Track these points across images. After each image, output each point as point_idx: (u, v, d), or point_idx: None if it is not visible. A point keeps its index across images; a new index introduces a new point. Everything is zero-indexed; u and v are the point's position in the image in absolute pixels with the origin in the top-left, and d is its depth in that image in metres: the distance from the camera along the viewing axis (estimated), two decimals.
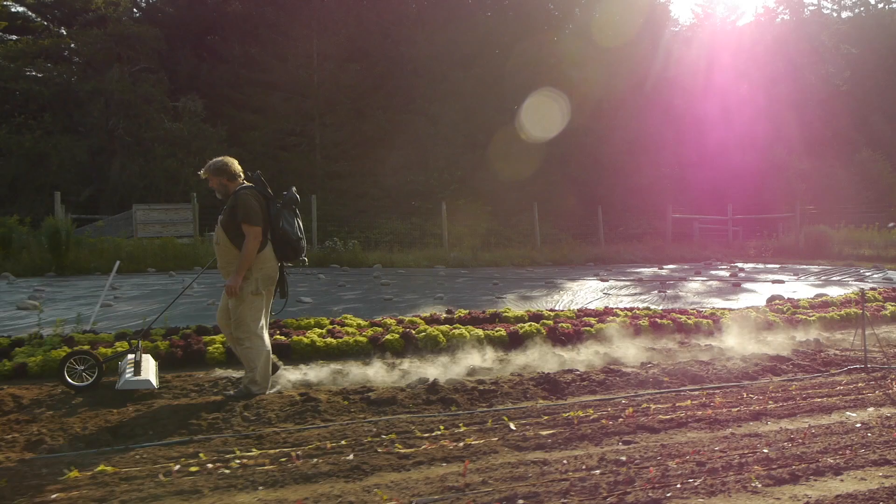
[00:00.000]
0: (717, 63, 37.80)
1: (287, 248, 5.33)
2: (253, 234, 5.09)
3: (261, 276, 5.20)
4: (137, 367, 5.22)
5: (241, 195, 5.17)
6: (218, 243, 5.31)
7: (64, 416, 4.74)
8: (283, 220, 5.29)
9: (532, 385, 5.67)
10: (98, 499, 3.36)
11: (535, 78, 31.11)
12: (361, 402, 5.12)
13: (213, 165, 5.32)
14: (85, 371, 5.24)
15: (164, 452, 4.06)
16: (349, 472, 3.71)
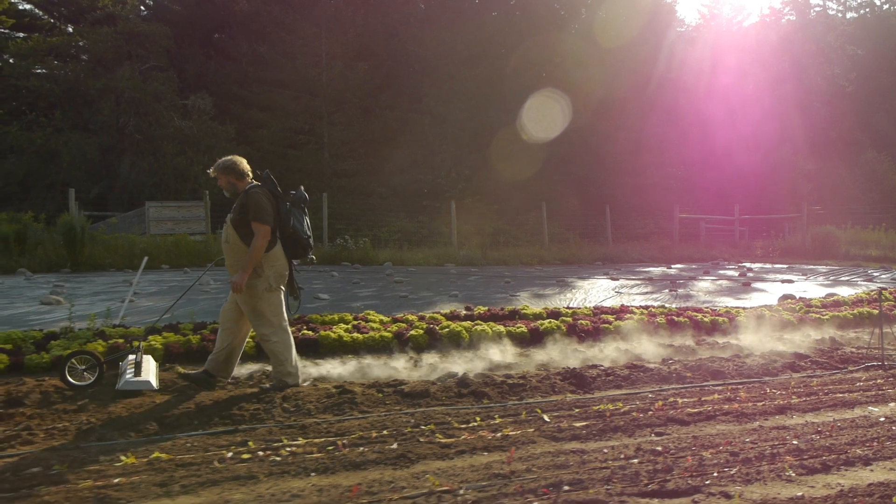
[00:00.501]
0: (722, 63, 37.86)
1: (297, 246, 5.43)
2: (262, 233, 5.14)
3: (272, 273, 5.27)
4: (138, 367, 5.25)
5: (251, 193, 5.23)
6: (227, 241, 5.35)
7: (109, 406, 4.88)
8: (293, 219, 5.37)
9: (559, 379, 5.81)
10: (159, 483, 3.49)
11: (540, 77, 31.22)
12: (395, 394, 5.26)
13: (222, 164, 5.38)
14: (86, 370, 5.24)
15: (212, 441, 4.20)
16: (396, 460, 3.85)
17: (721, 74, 37.27)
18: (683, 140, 34.88)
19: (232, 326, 5.41)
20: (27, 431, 4.30)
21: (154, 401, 4.99)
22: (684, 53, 37.03)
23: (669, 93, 35.15)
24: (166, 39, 29.22)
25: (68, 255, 16.02)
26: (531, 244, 23.53)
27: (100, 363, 5.29)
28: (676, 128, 34.85)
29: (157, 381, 5.28)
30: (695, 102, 35.53)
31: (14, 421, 4.53)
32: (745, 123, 35.71)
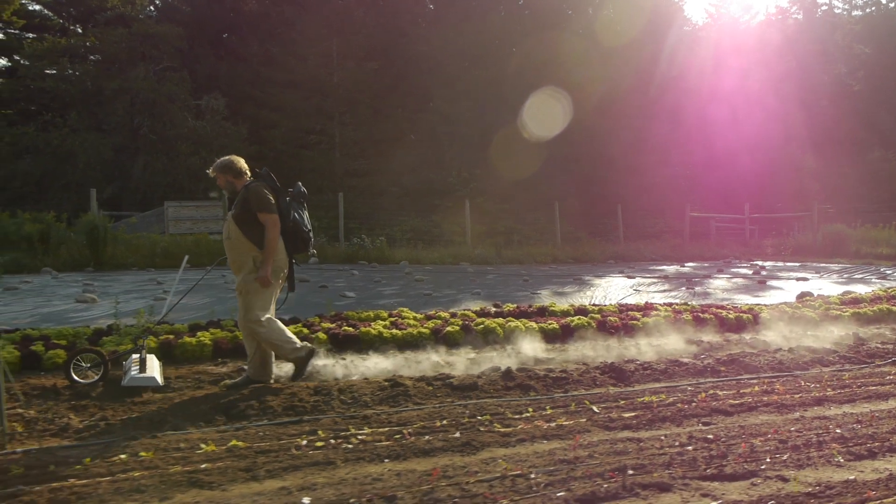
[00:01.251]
0: (728, 62, 37.98)
1: (298, 241, 5.46)
2: (272, 222, 5.17)
3: (273, 267, 5.28)
4: (143, 364, 5.31)
5: (252, 188, 5.26)
6: (229, 237, 5.35)
7: (173, 397, 5.09)
8: (293, 213, 5.40)
9: (598, 373, 6.00)
10: (244, 468, 3.70)
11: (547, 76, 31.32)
12: (444, 387, 5.46)
13: (220, 164, 5.43)
14: (91, 368, 5.29)
15: (282, 430, 4.41)
16: (462, 448, 4.05)
17: (727, 74, 37.40)
18: (690, 139, 35.04)
19: None
20: (104, 422, 4.52)
21: (217, 393, 5.20)
22: (691, 53, 37.17)
23: (676, 92, 35.32)
24: (179, 40, 29.47)
25: (91, 255, 16.27)
26: (543, 243, 23.73)
27: (105, 361, 5.33)
28: (683, 127, 35.01)
29: (161, 377, 5.33)
30: (700, 102, 35.67)
31: (89, 412, 4.75)
32: (750, 122, 35.85)
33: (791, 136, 36.33)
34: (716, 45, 38.92)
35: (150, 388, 5.20)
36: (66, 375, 5.24)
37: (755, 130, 35.79)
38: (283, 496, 3.33)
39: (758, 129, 35.84)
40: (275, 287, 5.41)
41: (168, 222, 19.57)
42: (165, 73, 28.86)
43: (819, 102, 38.25)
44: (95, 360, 5.31)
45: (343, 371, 6.02)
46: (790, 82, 37.55)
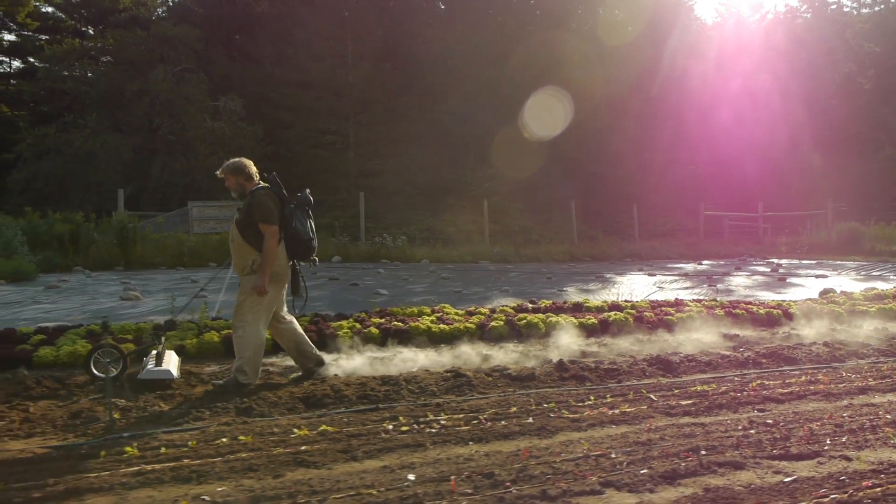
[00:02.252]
0: (738, 62, 38.14)
1: (299, 247, 5.48)
2: (270, 233, 5.26)
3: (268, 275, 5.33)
4: (159, 358, 5.44)
5: (256, 195, 5.33)
6: (233, 241, 5.47)
7: (252, 388, 5.37)
8: (295, 221, 5.42)
9: (646, 365, 6.27)
10: (341, 450, 3.98)
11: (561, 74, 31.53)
12: (503, 378, 5.73)
13: (232, 165, 5.48)
14: (111, 363, 5.39)
15: (363, 417, 4.69)
16: (538, 431, 4.32)
17: (737, 73, 37.58)
18: (701, 138, 35.24)
19: (276, 325, 5.62)
20: (195, 409, 4.80)
21: (293, 383, 5.49)
22: (703, 52, 37.35)
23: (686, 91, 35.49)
24: (197, 42, 29.77)
25: (121, 254, 16.58)
26: (559, 242, 23.98)
27: (123, 356, 5.46)
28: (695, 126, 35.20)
29: (177, 371, 5.49)
30: (710, 101, 35.86)
31: (176, 400, 5.03)
32: (760, 121, 36.04)
33: (801, 134, 36.48)
34: (725, 44, 39.11)
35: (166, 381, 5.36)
36: (86, 370, 5.39)
37: (765, 129, 35.99)
38: (386, 474, 3.61)
39: (767, 128, 36.03)
40: (275, 294, 5.47)
41: (192, 222, 19.88)
42: (183, 74, 29.20)
43: (829, 101, 38.41)
44: (114, 356, 5.43)
45: (400, 363, 6.30)
46: (800, 81, 37.70)
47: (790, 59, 38.38)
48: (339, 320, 7.70)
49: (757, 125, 35.95)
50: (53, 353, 6.21)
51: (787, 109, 36.58)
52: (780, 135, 36.10)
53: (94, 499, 3.32)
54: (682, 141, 34.97)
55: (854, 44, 39.67)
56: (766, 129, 36.01)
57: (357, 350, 6.75)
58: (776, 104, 36.60)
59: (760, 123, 36.02)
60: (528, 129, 30.15)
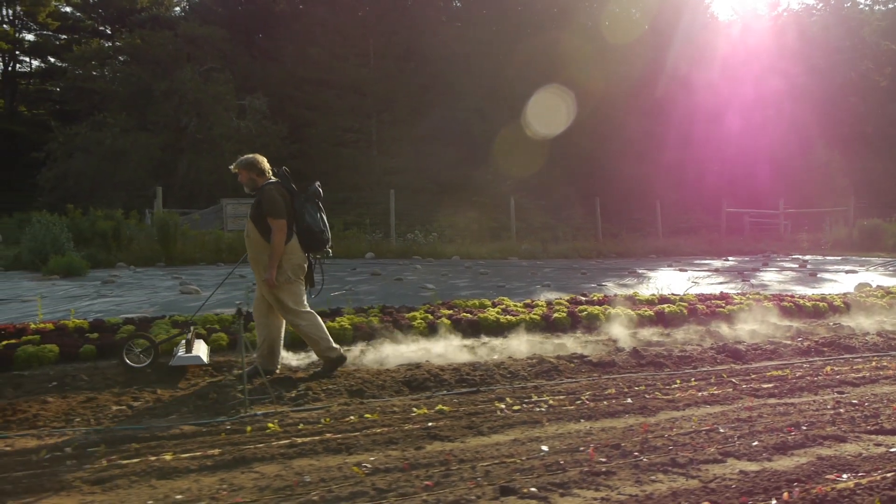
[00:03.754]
0: (755, 59, 38.29)
1: (311, 240, 5.58)
2: (278, 227, 5.35)
3: (290, 265, 5.49)
4: (189, 345, 5.61)
5: (266, 190, 5.42)
6: (248, 236, 5.58)
7: (348, 373, 5.70)
8: (307, 214, 5.53)
9: (714, 353, 6.59)
10: (466, 426, 4.31)
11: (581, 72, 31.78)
12: (585, 364, 6.06)
13: (245, 161, 5.57)
14: (142, 353, 5.61)
15: (469, 398, 5.02)
16: (640, 411, 4.65)
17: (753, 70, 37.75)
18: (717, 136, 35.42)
19: (263, 321, 5.67)
20: (311, 391, 5.14)
21: (389, 370, 5.82)
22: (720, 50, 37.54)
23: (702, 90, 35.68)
24: (223, 42, 30.16)
25: (162, 250, 16.93)
26: (583, 238, 24.25)
27: (155, 346, 5.65)
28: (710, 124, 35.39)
29: (207, 357, 5.68)
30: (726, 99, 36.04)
31: (293, 383, 5.37)
32: (776, 119, 36.21)
33: (817, 132, 36.65)
34: (740, 42, 39.26)
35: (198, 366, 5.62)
36: (119, 360, 5.59)
37: (781, 127, 36.15)
38: (518, 445, 3.94)
39: (783, 126, 36.20)
40: (299, 283, 5.61)
41: (227, 219, 20.26)
42: (209, 73, 29.60)
43: (846, 99, 38.57)
44: (145, 346, 5.64)
45: (481, 350, 6.62)
46: (816, 79, 37.85)
47: (806, 57, 38.52)
48: (399, 312, 8.02)
49: (772, 122, 36.12)
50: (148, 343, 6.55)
51: (803, 107, 36.73)
52: (796, 132, 36.26)
53: (261, 466, 3.66)
54: (699, 138, 35.13)
55: (871, 41, 39.78)
56: (782, 126, 36.17)
57: (435, 338, 7.08)
58: (792, 102, 36.76)
59: (776, 121, 36.20)
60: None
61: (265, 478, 3.48)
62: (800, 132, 36.38)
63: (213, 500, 3.21)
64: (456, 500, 3.15)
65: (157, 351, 5.66)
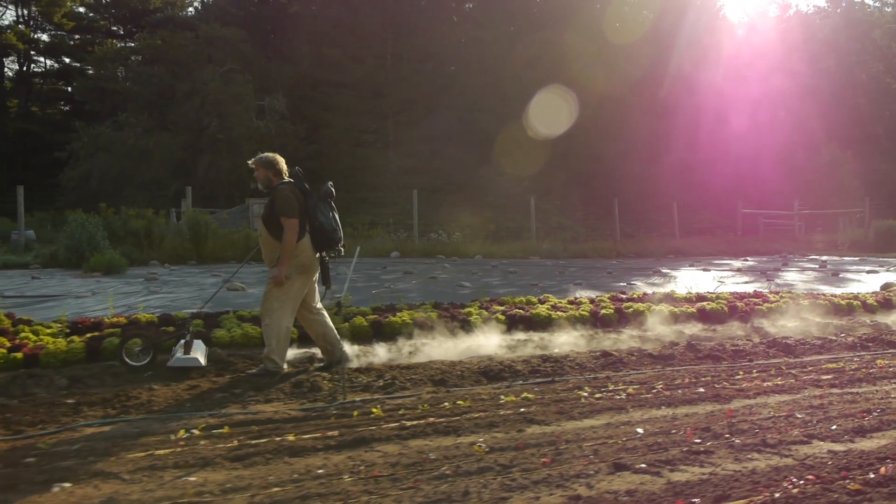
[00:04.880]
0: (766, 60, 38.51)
1: (323, 239, 5.64)
2: (290, 226, 5.43)
3: (296, 262, 5.53)
4: (187, 346, 5.65)
5: (279, 190, 5.52)
6: (261, 236, 5.70)
7: (425, 365, 5.99)
8: (319, 213, 5.61)
9: (765, 347, 6.88)
10: (556, 411, 4.60)
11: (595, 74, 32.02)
12: (646, 357, 6.35)
13: (264, 159, 5.67)
14: (141, 352, 5.67)
15: (549, 387, 5.31)
16: (714, 399, 4.94)
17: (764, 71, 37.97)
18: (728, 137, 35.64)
19: (307, 316, 5.81)
20: (396, 381, 5.44)
21: (463, 361, 6.12)
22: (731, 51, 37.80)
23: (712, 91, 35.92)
24: (242, 43, 30.50)
25: (193, 249, 17.26)
26: (600, 239, 24.55)
27: (154, 345, 5.74)
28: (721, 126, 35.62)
29: (204, 359, 5.70)
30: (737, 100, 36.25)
31: (375, 374, 5.67)
32: (787, 120, 36.43)
33: (828, 133, 36.88)
34: (753, 43, 39.51)
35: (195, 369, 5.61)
36: (118, 358, 5.67)
37: (792, 128, 36.37)
38: (612, 428, 4.23)
39: (795, 127, 36.42)
40: (297, 284, 5.62)
41: (252, 218, 20.57)
42: (229, 74, 29.95)
43: (856, 100, 38.83)
44: (144, 344, 5.72)
45: (540, 344, 6.92)
46: (827, 80, 38.10)
47: (816, 59, 38.76)
48: (459, 308, 8.32)
49: (782, 123, 36.33)
50: (228, 335, 6.86)
51: (813, 108, 36.96)
52: (806, 133, 36.48)
53: (381, 446, 3.96)
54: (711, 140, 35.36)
55: (882, 44, 40.02)
56: (791, 127, 36.38)
57: (492, 332, 7.38)
58: (801, 103, 36.98)
59: (785, 122, 36.41)
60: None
61: (390, 455, 3.78)
62: (809, 133, 36.59)
63: (353, 473, 3.51)
64: (576, 474, 3.44)
65: (155, 350, 5.73)
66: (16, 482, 3.43)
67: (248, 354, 6.29)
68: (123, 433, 4.21)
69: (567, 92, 30.63)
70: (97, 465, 3.62)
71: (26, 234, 17.80)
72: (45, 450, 3.89)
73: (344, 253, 6.03)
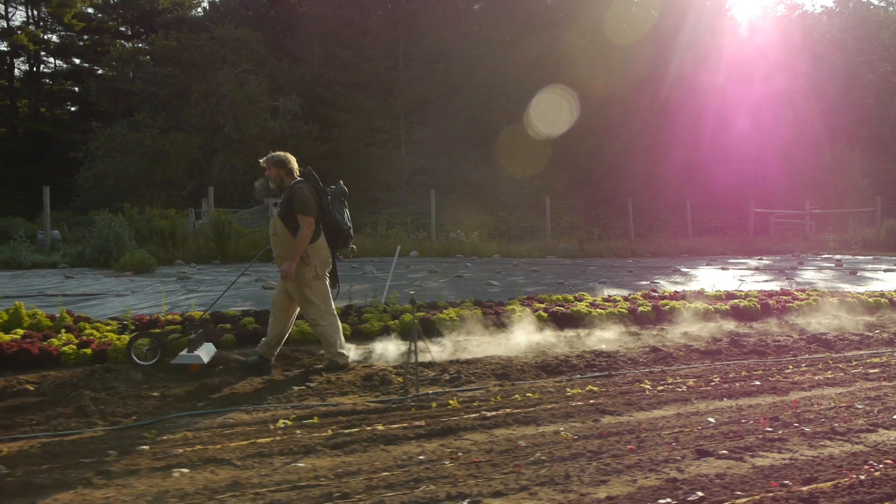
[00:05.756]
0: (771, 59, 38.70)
1: (338, 237, 5.76)
2: (306, 224, 5.48)
3: (318, 262, 5.65)
4: (192, 345, 5.71)
5: (296, 188, 5.56)
6: (275, 234, 5.70)
7: (484, 360, 6.20)
8: (334, 211, 5.71)
9: (805, 343, 7.10)
10: (625, 402, 4.81)
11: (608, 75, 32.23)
12: (693, 352, 6.56)
13: (276, 158, 5.72)
14: (149, 350, 5.77)
15: (608, 381, 5.52)
16: (772, 391, 5.15)
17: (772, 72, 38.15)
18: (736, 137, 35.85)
19: (283, 314, 5.82)
20: (462, 375, 5.65)
21: (519, 356, 6.33)
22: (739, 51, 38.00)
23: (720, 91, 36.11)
24: (257, 44, 30.73)
25: (217, 248, 17.48)
26: (614, 238, 24.75)
27: (162, 345, 5.80)
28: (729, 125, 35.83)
29: (208, 357, 5.75)
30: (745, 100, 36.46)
31: (439, 367, 5.87)
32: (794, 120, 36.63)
33: (836, 133, 37.09)
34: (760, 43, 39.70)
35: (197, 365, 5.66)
36: (127, 357, 5.76)
37: (799, 127, 36.57)
38: (684, 418, 4.44)
39: (802, 127, 36.62)
40: (324, 281, 5.76)
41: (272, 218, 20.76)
42: (243, 75, 30.19)
43: (863, 100, 39.03)
44: (152, 344, 5.81)
45: (587, 340, 7.13)
46: (835, 80, 38.31)
47: (824, 59, 38.97)
48: (499, 306, 8.53)
49: (790, 123, 36.54)
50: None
51: (821, 108, 37.18)
52: (814, 133, 36.69)
53: (468, 434, 4.17)
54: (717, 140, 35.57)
55: (890, 44, 40.20)
56: (798, 126, 36.58)
57: (535, 329, 7.59)
58: (809, 102, 37.19)
59: (794, 121, 36.61)
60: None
61: (481, 443, 3.99)
62: (816, 133, 36.80)
63: (452, 459, 3.72)
64: (664, 459, 3.66)
65: (163, 350, 5.80)
66: (137, 467, 3.64)
67: (309, 350, 6.51)
68: (222, 423, 4.42)
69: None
70: (207, 453, 3.84)
71: (52, 234, 18.01)
72: (151, 438, 4.10)
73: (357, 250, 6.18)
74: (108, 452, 3.87)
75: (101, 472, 3.57)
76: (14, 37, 43.69)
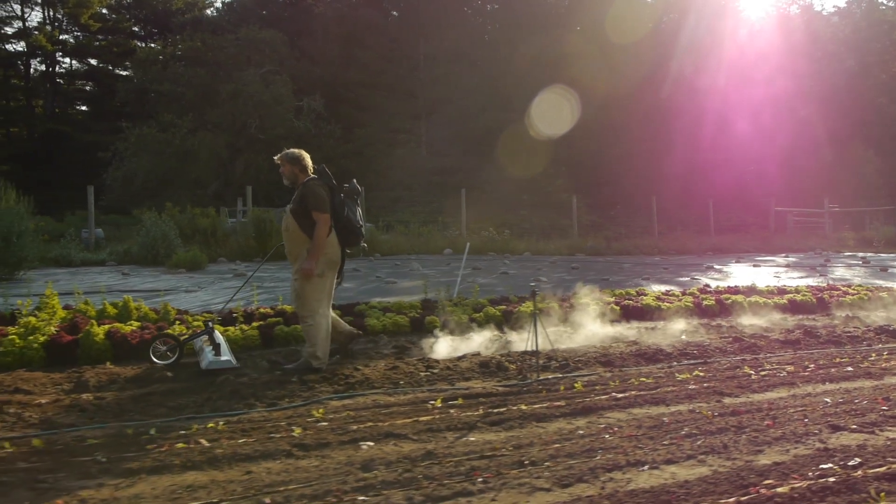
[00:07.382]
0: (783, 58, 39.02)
1: (350, 235, 5.76)
2: (323, 221, 5.49)
3: (324, 259, 5.62)
4: (217, 348, 5.69)
5: (310, 185, 5.59)
6: (287, 230, 5.70)
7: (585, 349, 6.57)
8: (346, 209, 5.70)
9: (874, 334, 7.47)
10: (737, 386, 5.18)
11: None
12: (773, 342, 6.93)
13: (291, 155, 5.77)
14: (167, 350, 5.76)
15: (653, 370, 5.82)
16: (866, 376, 5.52)
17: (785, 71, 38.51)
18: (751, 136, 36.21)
19: None
20: (569, 363, 6.02)
21: (614, 345, 6.70)
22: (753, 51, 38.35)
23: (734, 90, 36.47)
24: (282, 45, 31.12)
25: (258, 246, 17.86)
26: (638, 236, 25.13)
27: (180, 344, 5.81)
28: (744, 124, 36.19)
29: (234, 358, 5.75)
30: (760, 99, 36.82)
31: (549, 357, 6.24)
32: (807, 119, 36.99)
33: (851, 132, 37.45)
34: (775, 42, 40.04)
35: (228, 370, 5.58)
36: (148, 357, 5.76)
37: (814, 127, 36.93)
38: (799, 399, 4.81)
39: (816, 126, 36.97)
40: (329, 279, 5.74)
41: None
42: (268, 76, 30.59)
43: (878, 100, 39.40)
44: (171, 344, 5.83)
45: (667, 330, 7.51)
46: (848, 79, 38.66)
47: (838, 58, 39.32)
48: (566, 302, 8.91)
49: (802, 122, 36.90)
50: (379, 324, 7.48)
51: (835, 107, 37.53)
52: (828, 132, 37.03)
53: (608, 413, 4.54)
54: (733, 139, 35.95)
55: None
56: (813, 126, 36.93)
57: (611, 320, 7.97)
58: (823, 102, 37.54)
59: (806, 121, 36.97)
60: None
61: (625, 420, 4.36)
62: (831, 132, 37.14)
63: (610, 433, 4.09)
64: (804, 433, 4.03)
65: (181, 349, 5.83)
66: (326, 441, 4.00)
67: (410, 340, 6.90)
68: (373, 403, 4.80)
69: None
70: (381, 429, 4.20)
71: (96, 233, 18.40)
72: (319, 418, 4.46)
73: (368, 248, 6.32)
74: (291, 428, 4.22)
75: (297, 445, 3.93)
76: (32, 38, 44.06)
